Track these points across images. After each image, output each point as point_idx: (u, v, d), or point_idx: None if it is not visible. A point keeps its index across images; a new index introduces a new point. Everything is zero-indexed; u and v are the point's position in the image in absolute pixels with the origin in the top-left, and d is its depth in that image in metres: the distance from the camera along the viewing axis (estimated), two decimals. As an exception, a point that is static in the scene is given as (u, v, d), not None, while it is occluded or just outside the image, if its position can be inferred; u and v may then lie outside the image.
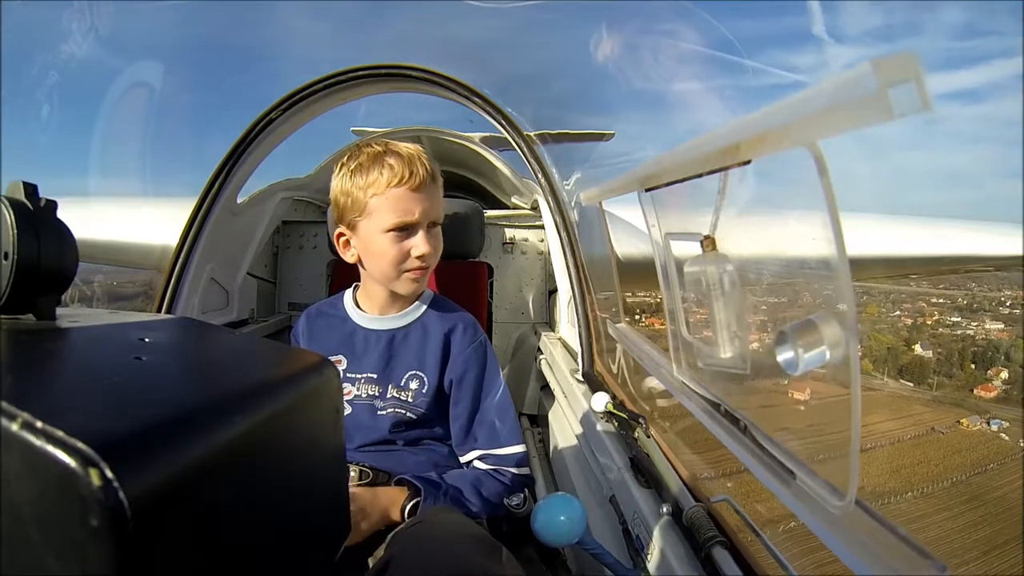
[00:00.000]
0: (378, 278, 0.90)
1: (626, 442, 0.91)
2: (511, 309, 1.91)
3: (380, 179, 0.82)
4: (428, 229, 0.86)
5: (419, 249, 0.84)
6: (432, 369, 0.91)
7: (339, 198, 0.87)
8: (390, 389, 0.91)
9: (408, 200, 0.83)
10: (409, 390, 0.91)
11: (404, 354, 0.92)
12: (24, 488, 0.17)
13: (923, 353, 14.04)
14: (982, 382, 7.62)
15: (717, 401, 0.63)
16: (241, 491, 0.23)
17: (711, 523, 0.62)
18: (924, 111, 0.25)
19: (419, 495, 0.78)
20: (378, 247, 0.85)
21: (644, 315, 2.12)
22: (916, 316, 8.27)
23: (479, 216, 1.68)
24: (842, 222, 0.34)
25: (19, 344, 0.27)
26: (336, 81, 1.38)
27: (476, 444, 0.90)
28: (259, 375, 0.29)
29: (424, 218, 0.84)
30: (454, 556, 0.59)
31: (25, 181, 0.31)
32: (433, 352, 0.91)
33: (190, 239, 1.32)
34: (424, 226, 0.85)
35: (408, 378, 0.91)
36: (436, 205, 0.87)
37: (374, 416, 0.90)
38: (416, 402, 0.90)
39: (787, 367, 0.42)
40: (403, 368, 0.91)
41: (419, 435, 0.92)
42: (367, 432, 0.90)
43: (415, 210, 0.83)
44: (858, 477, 0.38)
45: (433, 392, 0.90)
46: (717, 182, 0.53)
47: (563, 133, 1.58)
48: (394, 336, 0.93)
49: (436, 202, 0.87)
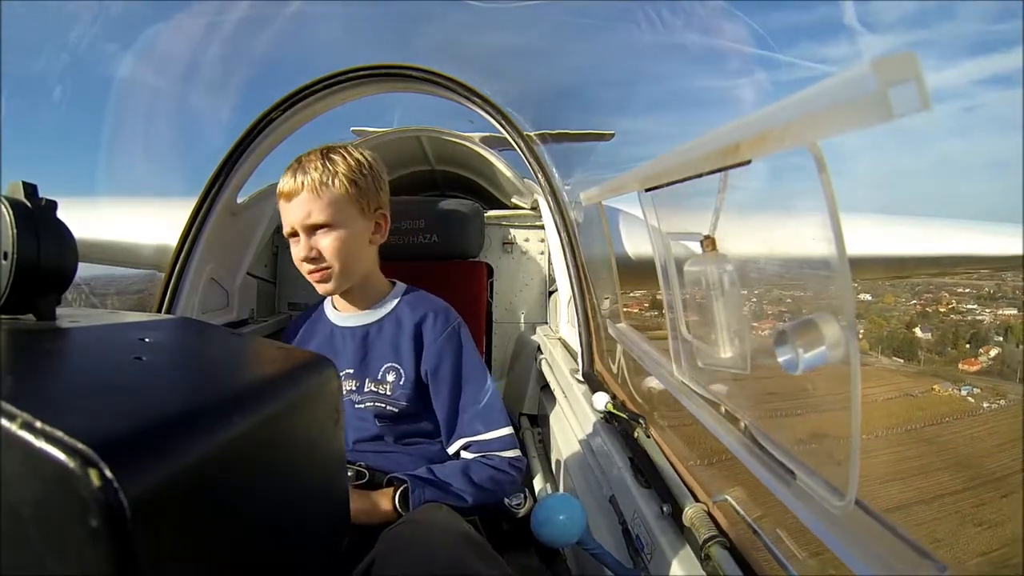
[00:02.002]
0: None
1: (626, 442, 0.91)
2: (511, 309, 1.91)
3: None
4: (309, 233, 0.87)
5: (297, 254, 0.87)
6: (407, 360, 0.91)
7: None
8: (367, 383, 0.92)
9: (284, 210, 0.88)
10: (386, 382, 0.91)
11: (379, 347, 0.93)
12: (24, 488, 0.17)
13: (922, 336, 14.31)
14: (971, 358, 7.85)
15: (717, 401, 0.63)
16: (241, 491, 0.23)
17: (711, 523, 0.62)
18: (924, 111, 0.25)
19: (404, 485, 0.79)
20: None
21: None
22: (933, 304, 8.40)
23: (479, 216, 1.67)
24: (842, 222, 0.34)
25: (19, 344, 0.27)
26: (336, 81, 1.38)
27: (460, 433, 0.90)
28: (259, 375, 0.29)
29: (297, 225, 0.86)
30: (441, 555, 0.59)
31: (25, 181, 0.31)
32: (406, 343, 0.92)
33: (190, 239, 1.31)
34: (304, 232, 0.86)
35: (384, 371, 0.92)
36: (314, 211, 0.86)
37: (353, 410, 0.92)
38: (395, 394, 0.90)
39: (787, 367, 0.42)
40: (379, 361, 0.92)
41: (407, 431, 0.93)
42: (355, 428, 0.92)
43: (288, 220, 0.87)
44: (858, 477, 0.38)
45: (412, 384, 0.90)
46: (717, 182, 0.53)
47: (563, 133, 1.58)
48: (368, 332, 0.94)
49: (312, 208, 0.86)
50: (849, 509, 0.39)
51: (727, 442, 0.57)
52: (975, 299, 8.93)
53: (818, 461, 0.45)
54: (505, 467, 0.86)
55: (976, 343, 7.92)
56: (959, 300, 8.83)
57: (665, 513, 0.69)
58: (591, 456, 1.01)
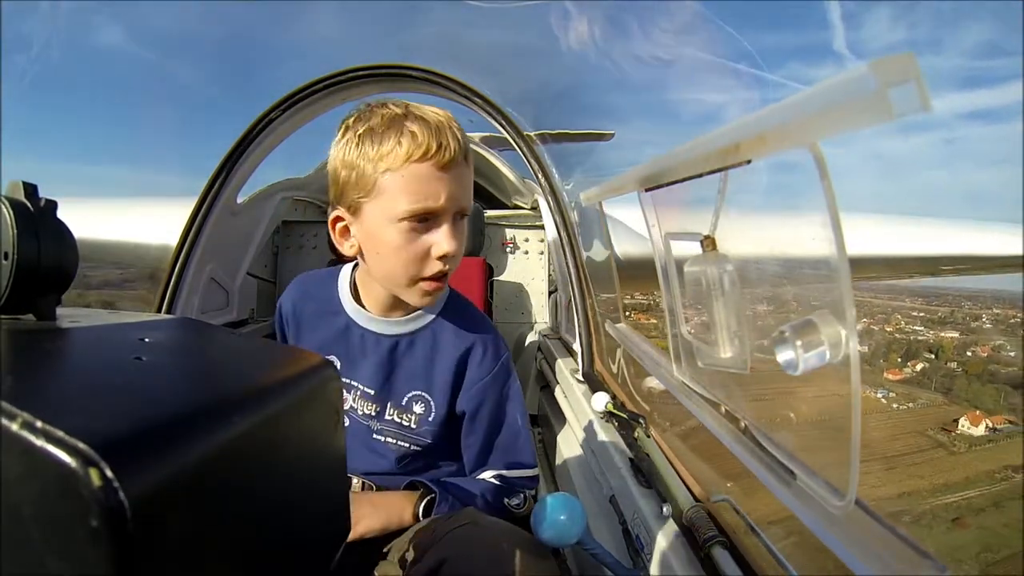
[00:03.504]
0: (382, 279, 0.73)
1: (626, 442, 0.91)
2: (511, 309, 1.91)
3: (398, 150, 0.63)
4: (455, 221, 0.67)
5: (441, 246, 0.66)
6: (441, 393, 0.78)
7: (339, 171, 0.67)
8: (388, 409, 0.79)
9: (433, 181, 0.63)
10: (412, 413, 0.78)
11: (408, 368, 0.78)
12: (24, 488, 0.17)
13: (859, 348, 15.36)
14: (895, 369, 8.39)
15: (717, 401, 0.63)
16: (241, 491, 0.23)
17: (711, 523, 0.62)
18: (924, 111, 0.25)
19: (430, 494, 0.75)
20: (387, 239, 0.66)
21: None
22: (880, 324, 8.68)
23: (479, 216, 1.68)
24: (842, 222, 0.34)
25: (19, 344, 0.27)
26: (336, 81, 1.38)
27: (488, 466, 0.83)
28: (259, 375, 0.29)
29: (452, 205, 0.65)
30: (509, 558, 0.58)
31: (25, 181, 0.31)
32: (443, 373, 0.77)
33: (190, 239, 1.32)
34: (451, 216, 0.66)
35: (411, 399, 0.78)
36: (468, 191, 0.68)
37: (370, 439, 0.80)
38: (420, 430, 0.79)
39: (787, 367, 0.42)
40: (405, 385, 0.78)
41: (427, 464, 0.84)
42: (369, 459, 0.80)
43: (441, 194, 0.64)
44: (858, 477, 0.38)
45: (441, 421, 0.78)
46: (717, 182, 0.53)
47: (563, 133, 1.58)
48: (397, 343, 0.77)
49: (468, 187, 0.68)
50: (849, 509, 0.39)
51: (727, 442, 0.58)
52: (924, 322, 9.65)
53: (818, 461, 0.45)
54: (520, 500, 0.84)
55: (906, 358, 8.72)
56: (908, 322, 9.47)
57: (665, 513, 0.69)
58: (591, 456, 1.01)
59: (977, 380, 9.28)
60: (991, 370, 9.54)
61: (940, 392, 9.08)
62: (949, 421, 8.29)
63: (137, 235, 1.88)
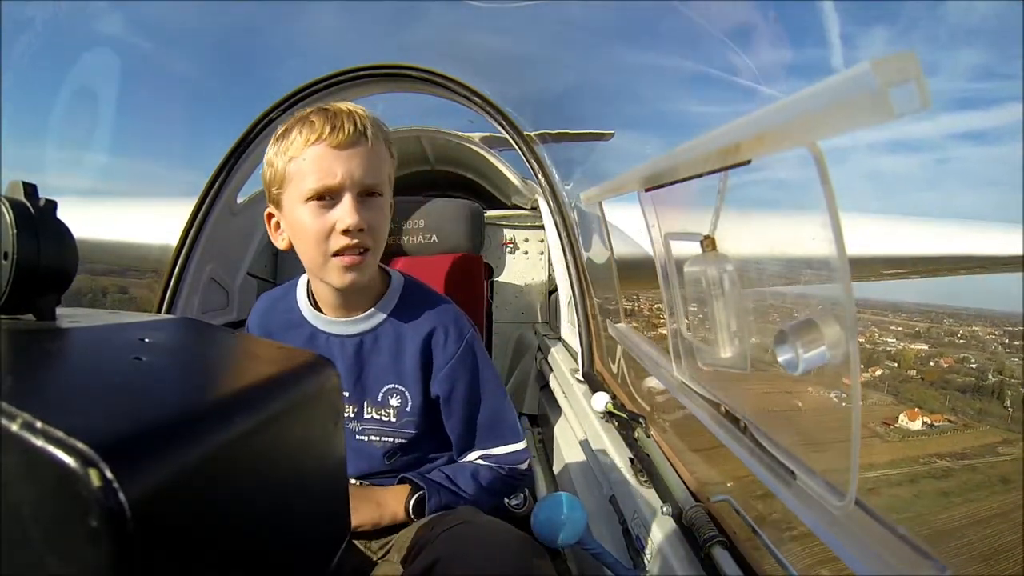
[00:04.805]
0: (308, 267, 0.75)
1: (626, 442, 0.91)
2: (511, 309, 1.91)
3: (298, 139, 0.68)
4: (359, 198, 0.70)
5: (344, 220, 0.68)
6: (412, 383, 0.79)
7: (264, 171, 0.74)
8: (366, 407, 0.80)
9: (328, 159, 0.67)
10: (389, 407, 0.80)
11: (377, 364, 0.79)
12: (24, 488, 0.17)
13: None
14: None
15: (717, 401, 0.63)
16: (241, 491, 0.23)
17: (711, 523, 0.62)
18: (924, 111, 0.25)
19: (420, 491, 0.76)
20: (300, 222, 0.70)
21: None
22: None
23: (479, 216, 1.67)
24: (842, 222, 0.34)
25: (19, 344, 0.27)
26: (336, 81, 1.38)
27: (474, 446, 0.84)
28: (259, 375, 0.29)
29: (349, 181, 0.68)
30: (506, 557, 0.58)
31: (25, 181, 0.31)
32: (412, 362, 0.78)
33: (190, 239, 1.32)
34: (352, 192, 0.69)
35: (386, 393, 0.80)
36: (371, 169, 0.70)
37: (354, 441, 0.81)
38: (401, 422, 0.80)
39: (787, 367, 0.42)
40: (378, 381, 0.80)
41: (417, 458, 0.84)
42: (356, 461, 0.82)
43: (337, 171, 0.67)
44: (858, 477, 0.38)
45: (419, 410, 0.80)
46: (717, 182, 0.53)
47: (563, 133, 1.58)
48: (362, 342, 0.79)
49: (370, 165, 0.70)
50: (849, 509, 0.39)
51: (727, 442, 0.57)
52: (900, 336, 10.09)
53: (818, 461, 0.45)
54: (516, 477, 0.84)
55: (867, 364, 9.13)
56: (882, 334, 9.85)
57: (665, 513, 0.69)
58: (591, 456, 1.01)
59: (931, 386, 10.01)
60: (947, 378, 10.25)
61: (891, 394, 9.80)
62: (891, 417, 9.02)
63: (137, 235, 1.88)
